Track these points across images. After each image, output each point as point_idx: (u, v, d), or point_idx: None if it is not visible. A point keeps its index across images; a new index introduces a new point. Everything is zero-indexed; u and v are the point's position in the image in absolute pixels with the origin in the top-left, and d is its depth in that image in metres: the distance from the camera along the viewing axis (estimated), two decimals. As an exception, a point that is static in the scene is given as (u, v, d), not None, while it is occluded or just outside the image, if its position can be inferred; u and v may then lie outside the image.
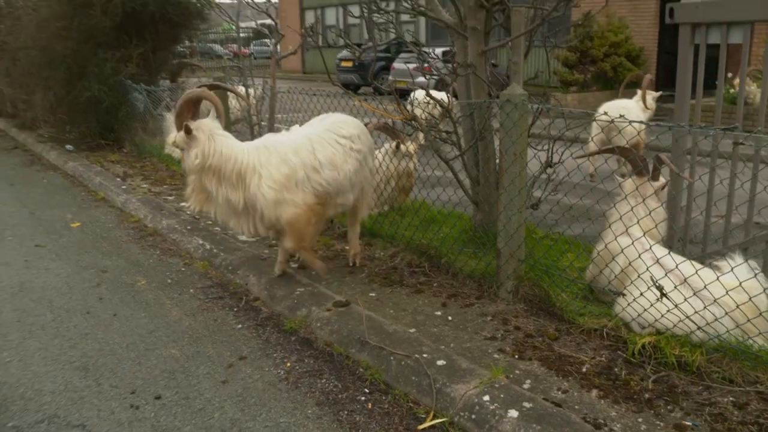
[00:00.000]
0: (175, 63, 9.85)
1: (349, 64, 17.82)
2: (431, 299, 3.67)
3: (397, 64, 15.76)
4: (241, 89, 6.45)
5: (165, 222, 5.37)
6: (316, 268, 3.86)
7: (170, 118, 8.21)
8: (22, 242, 5.17)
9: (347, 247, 4.40)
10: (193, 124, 3.54)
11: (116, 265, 4.61)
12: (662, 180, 3.62)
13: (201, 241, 4.81)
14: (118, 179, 6.99)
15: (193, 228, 5.14)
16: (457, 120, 4.05)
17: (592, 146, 5.99)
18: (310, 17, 32.12)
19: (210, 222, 5.23)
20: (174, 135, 3.77)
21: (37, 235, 5.34)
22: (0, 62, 10.47)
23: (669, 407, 2.58)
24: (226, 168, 3.49)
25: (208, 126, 3.57)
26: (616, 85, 14.09)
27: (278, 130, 3.98)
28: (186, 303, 3.94)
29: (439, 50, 12.47)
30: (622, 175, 4.61)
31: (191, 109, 3.61)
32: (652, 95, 7.57)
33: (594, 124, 6.64)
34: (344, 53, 18.31)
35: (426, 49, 4.46)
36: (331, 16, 29.55)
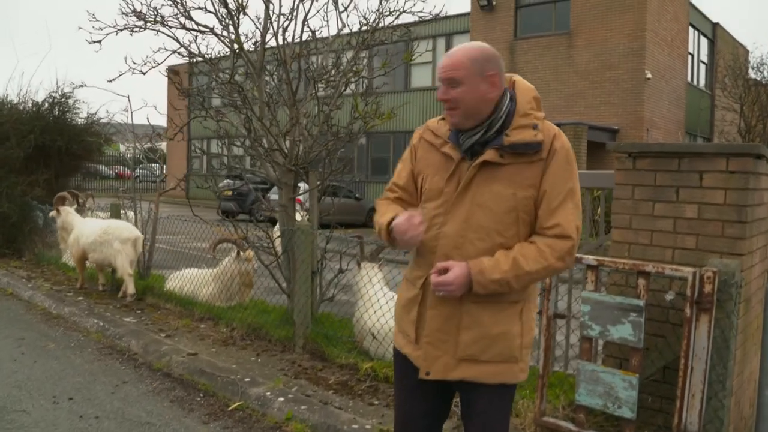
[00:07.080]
0: (75, 187, 11.76)
1: (229, 193, 20.03)
2: (251, 352, 5.75)
3: (272, 195, 18.12)
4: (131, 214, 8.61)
5: (67, 309, 7.18)
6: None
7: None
8: (-50, 321, 6.81)
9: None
10: (61, 208, 7.88)
11: (30, 336, 6.38)
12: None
13: (96, 320, 6.67)
14: (23, 279, 8.69)
15: (90, 313, 6.98)
16: (271, 241, 6.33)
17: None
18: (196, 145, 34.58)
19: (102, 309, 7.10)
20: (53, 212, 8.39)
21: (-40, 317, 6.99)
22: None
23: (369, 397, 4.75)
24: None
25: (66, 209, 8.04)
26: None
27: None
28: (85, 356, 5.80)
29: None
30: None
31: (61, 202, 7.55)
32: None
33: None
34: (224, 183, 20.51)
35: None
36: (214, 146, 31.95)
